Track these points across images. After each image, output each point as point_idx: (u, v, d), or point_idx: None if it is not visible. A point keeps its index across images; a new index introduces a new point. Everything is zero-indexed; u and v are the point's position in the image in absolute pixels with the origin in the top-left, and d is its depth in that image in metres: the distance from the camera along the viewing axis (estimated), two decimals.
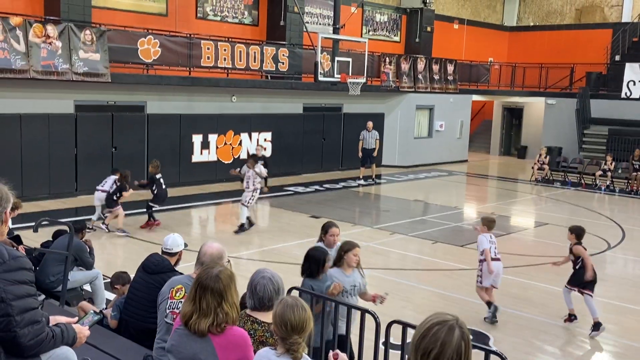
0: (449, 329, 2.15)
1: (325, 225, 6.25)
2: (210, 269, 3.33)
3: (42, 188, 13.90)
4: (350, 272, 5.61)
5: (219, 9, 19.23)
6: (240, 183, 13.34)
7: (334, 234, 6.12)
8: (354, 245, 5.62)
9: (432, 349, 2.13)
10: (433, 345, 2.13)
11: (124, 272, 6.41)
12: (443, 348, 2.12)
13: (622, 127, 21.91)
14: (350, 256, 5.56)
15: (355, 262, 5.61)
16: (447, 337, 2.13)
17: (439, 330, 2.15)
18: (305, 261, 5.55)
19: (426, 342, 2.16)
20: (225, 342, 3.23)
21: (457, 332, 2.14)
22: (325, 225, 6.26)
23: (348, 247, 5.60)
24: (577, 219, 14.70)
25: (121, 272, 6.41)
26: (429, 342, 2.15)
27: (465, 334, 2.16)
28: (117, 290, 6.28)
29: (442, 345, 2.13)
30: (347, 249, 5.59)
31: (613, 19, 27.94)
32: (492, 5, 30.68)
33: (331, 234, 6.11)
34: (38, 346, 3.12)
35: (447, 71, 23.53)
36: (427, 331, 2.17)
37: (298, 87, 19.01)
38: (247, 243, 11.34)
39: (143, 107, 16.15)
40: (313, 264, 5.50)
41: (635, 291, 9.56)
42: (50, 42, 13.26)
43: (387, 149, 22.07)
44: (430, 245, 11.76)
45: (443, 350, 2.12)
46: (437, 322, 2.18)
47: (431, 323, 2.19)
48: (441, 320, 2.18)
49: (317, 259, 5.52)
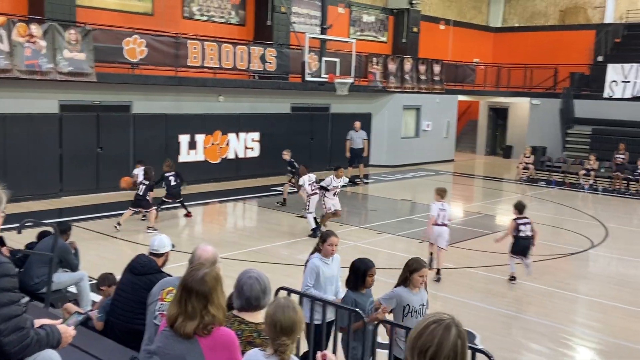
0: (446, 327, 2.16)
1: (323, 234, 6.03)
2: (195, 271, 3.30)
3: (27, 189, 13.75)
4: (417, 291, 5.36)
5: (206, 8, 19.16)
6: None
7: (332, 243, 5.85)
8: (421, 266, 5.31)
9: (429, 347, 2.14)
10: (430, 344, 2.14)
11: (109, 273, 6.36)
12: (440, 347, 2.13)
13: (605, 127, 22.14)
14: (416, 278, 5.27)
15: (420, 284, 5.35)
16: (444, 335, 2.14)
17: (435, 329, 2.16)
18: (349, 272, 5.41)
19: (422, 340, 2.16)
20: (212, 343, 3.22)
21: (454, 331, 2.15)
22: (324, 234, 6.04)
23: (415, 268, 5.29)
24: (560, 218, 14.88)
25: (107, 273, 6.36)
26: (426, 341, 2.15)
27: (461, 333, 2.17)
28: (103, 292, 6.23)
29: (439, 344, 2.13)
30: (413, 270, 5.28)
31: (596, 20, 28.22)
32: (477, 6, 30.86)
33: (329, 243, 5.84)
34: (23, 351, 3.11)
35: (434, 71, 23.64)
36: (423, 330, 2.18)
37: (285, 87, 19.00)
38: (234, 243, 11.31)
39: (129, 107, 16.06)
40: (353, 274, 5.36)
41: (618, 289, 9.67)
42: (34, 41, 13.14)
43: (375, 149, 22.12)
44: (418, 244, 11.81)
45: (440, 349, 2.13)
46: (433, 320, 2.19)
47: (427, 322, 2.20)
48: (437, 319, 2.19)
49: (356, 270, 5.35)
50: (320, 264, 5.78)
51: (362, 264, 5.43)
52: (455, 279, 9.79)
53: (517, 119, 27.15)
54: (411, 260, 5.43)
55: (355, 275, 5.37)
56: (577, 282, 10.08)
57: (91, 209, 13.76)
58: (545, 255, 11.33)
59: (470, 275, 9.99)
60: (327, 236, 5.96)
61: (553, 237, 12.73)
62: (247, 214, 15.22)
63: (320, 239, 6.01)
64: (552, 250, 11.66)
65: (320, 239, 6.01)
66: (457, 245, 11.84)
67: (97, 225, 11.97)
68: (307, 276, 5.83)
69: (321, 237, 6.02)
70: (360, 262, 5.47)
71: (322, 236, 6.01)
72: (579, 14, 28.77)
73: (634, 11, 27.41)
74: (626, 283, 10.02)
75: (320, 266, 5.80)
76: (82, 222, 12.01)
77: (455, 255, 11.12)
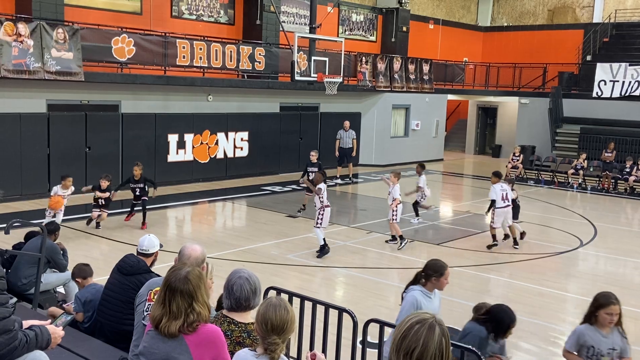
0: (430, 327, 2.17)
1: (437, 265, 5.00)
2: (178, 271, 3.30)
3: (14, 189, 13.64)
4: (608, 332, 4.60)
5: (195, 7, 19.09)
6: None
7: (448, 277, 5.01)
8: (610, 302, 4.57)
9: (415, 348, 2.15)
10: (415, 345, 2.15)
11: (86, 264, 6.25)
12: (426, 347, 2.14)
13: (594, 126, 22.30)
14: (603, 316, 4.56)
15: (609, 324, 4.58)
16: (429, 335, 2.15)
17: (419, 329, 2.17)
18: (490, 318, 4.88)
19: (407, 341, 2.17)
20: (198, 339, 3.22)
21: (438, 330, 2.16)
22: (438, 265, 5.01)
23: (602, 303, 4.59)
24: (549, 217, 14.96)
25: (83, 264, 6.26)
26: (411, 342, 2.16)
27: (445, 332, 2.18)
28: (78, 283, 6.18)
29: (424, 344, 2.14)
30: (599, 305, 4.59)
31: (584, 20, 28.42)
32: (466, 5, 30.97)
33: (445, 277, 4.98)
34: (11, 354, 3.08)
35: (423, 71, 23.70)
36: (407, 331, 2.18)
37: (275, 86, 18.97)
38: (223, 243, 11.28)
39: (117, 106, 15.96)
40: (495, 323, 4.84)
41: (607, 288, 9.60)
42: (22, 40, 13.03)
43: (364, 148, 22.14)
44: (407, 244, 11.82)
45: (426, 349, 2.14)
46: (416, 321, 2.20)
47: (411, 322, 2.20)
48: (421, 319, 2.20)
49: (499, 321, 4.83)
50: (422, 298, 4.92)
51: (507, 316, 4.85)
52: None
53: (506, 118, 27.28)
54: (599, 294, 4.70)
55: (498, 326, 4.83)
56: (567, 281, 10.13)
57: (79, 209, 13.66)
58: (535, 254, 11.39)
59: (460, 274, 10.01)
60: (442, 268, 4.97)
61: (542, 236, 12.80)
62: (236, 214, 15.17)
63: (431, 269, 4.97)
64: (541, 249, 11.72)
65: (431, 269, 4.97)
66: (447, 244, 11.88)
67: (85, 226, 11.89)
68: (405, 311, 4.88)
69: (432, 268, 4.98)
70: (505, 313, 4.87)
71: (434, 267, 4.98)
72: (568, 13, 28.96)
73: (622, 11, 27.62)
74: (615, 282, 10.09)
75: (421, 301, 4.91)
76: (70, 222, 11.92)
77: (444, 254, 11.15)
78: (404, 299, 5.03)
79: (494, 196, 11.50)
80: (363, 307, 7.70)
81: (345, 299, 8.62)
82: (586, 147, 21.45)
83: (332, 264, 10.32)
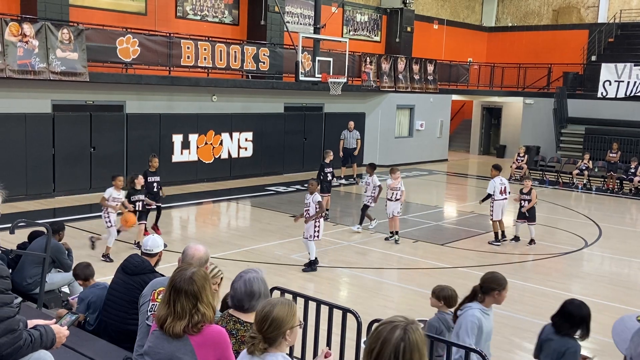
0: (392, 328, 2.16)
1: (499, 279, 4.64)
2: (183, 271, 3.30)
3: (19, 189, 13.67)
4: None
5: (199, 8, 19.12)
6: None
7: (507, 289, 4.70)
8: None
9: (374, 347, 2.16)
10: (375, 345, 2.16)
11: (87, 264, 6.15)
12: (382, 346, 2.14)
13: (599, 127, 22.23)
14: None
15: None
16: (388, 335, 2.15)
17: (382, 330, 2.17)
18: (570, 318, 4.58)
19: (370, 341, 2.19)
20: (203, 340, 3.23)
21: (399, 332, 2.14)
22: (500, 279, 4.65)
23: None
24: (554, 217, 14.92)
25: (85, 264, 6.14)
26: (372, 341, 2.18)
27: (408, 336, 2.13)
28: (80, 284, 6.15)
29: (382, 344, 2.14)
30: None
31: (589, 20, 28.34)
32: (471, 5, 30.93)
33: (507, 290, 4.69)
34: (16, 353, 3.09)
35: (427, 71, 23.67)
36: (374, 332, 2.21)
37: (279, 86, 18.98)
38: (227, 243, 11.29)
39: (122, 106, 16.00)
40: (573, 320, 4.55)
41: (611, 288, 9.71)
42: (27, 41, 13.07)
43: (368, 149, 22.13)
44: (411, 244, 11.82)
45: (382, 349, 2.13)
46: (385, 322, 2.21)
47: (379, 323, 2.22)
48: (389, 321, 2.20)
49: (582, 317, 4.56)
50: (481, 316, 4.55)
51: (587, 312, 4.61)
52: (449, 278, 9.79)
53: (510, 119, 27.23)
54: None
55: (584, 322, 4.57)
56: (571, 282, 10.11)
57: (84, 208, 13.70)
58: (539, 255, 11.37)
59: (465, 274, 10.00)
60: (503, 281, 4.61)
61: (546, 237, 12.77)
62: (240, 214, 15.19)
63: (492, 283, 4.60)
64: (546, 250, 11.70)
65: (492, 283, 4.60)
66: (451, 244, 11.87)
67: (90, 225, 11.92)
68: (467, 333, 4.49)
69: (493, 282, 4.61)
70: (583, 309, 4.64)
71: (496, 281, 4.61)
72: (572, 13, 28.88)
73: (627, 11, 27.53)
74: (619, 282, 10.07)
75: (482, 319, 4.55)
76: (75, 222, 11.95)
77: (449, 254, 11.15)
78: (461, 317, 4.58)
79: (492, 190, 11.73)
80: (367, 308, 7.70)
81: (349, 299, 8.62)
82: (591, 148, 21.38)
83: (336, 264, 10.32)
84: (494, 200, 11.84)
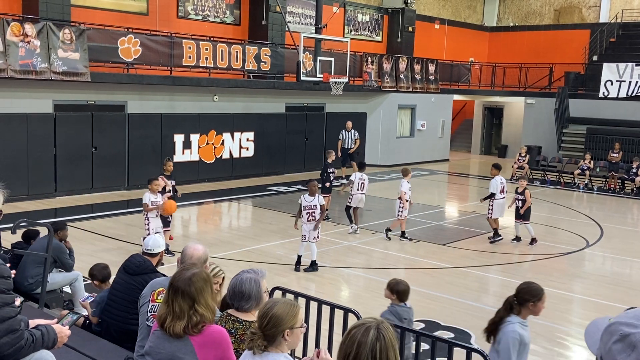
0: (365, 330, 2.17)
1: (536, 290, 4.49)
2: (184, 272, 3.32)
3: (21, 189, 13.69)
4: None
5: (200, 8, 19.13)
6: None
7: (544, 300, 4.53)
8: None
9: (350, 351, 2.16)
10: (350, 348, 2.16)
11: (105, 266, 6.13)
12: (359, 349, 2.14)
13: (600, 126, 22.21)
14: None
15: None
16: (362, 338, 2.16)
17: (355, 333, 2.18)
18: None
19: (345, 346, 2.19)
20: (203, 340, 3.24)
21: (372, 333, 2.15)
22: (537, 289, 4.50)
23: None
24: (556, 217, 14.91)
25: (102, 266, 6.12)
26: (347, 346, 2.18)
27: (382, 336, 2.16)
28: (95, 285, 6.14)
29: (357, 347, 2.15)
30: None
31: (591, 20, 28.31)
32: (472, 5, 30.91)
33: (544, 301, 4.53)
34: (17, 353, 3.09)
35: (429, 71, 23.67)
36: (346, 336, 2.21)
37: (280, 86, 18.99)
38: (228, 243, 11.30)
39: (123, 106, 16.01)
40: None
41: (613, 288, 9.70)
42: (29, 41, 13.09)
43: (370, 149, 22.13)
44: (412, 244, 11.82)
45: (359, 352, 2.14)
46: (355, 325, 2.22)
47: (351, 327, 2.22)
48: (360, 324, 2.21)
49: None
50: (521, 330, 4.38)
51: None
52: (451, 278, 9.80)
53: (512, 119, 27.21)
54: None
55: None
56: (572, 282, 10.10)
57: (86, 208, 13.72)
58: (540, 255, 11.36)
59: (466, 274, 10.00)
60: (540, 292, 4.46)
61: (548, 237, 12.76)
62: (241, 214, 15.20)
63: (527, 294, 4.43)
64: (547, 250, 11.69)
65: (528, 294, 4.43)
66: (452, 244, 11.87)
67: (92, 225, 11.93)
68: (509, 350, 4.31)
69: (529, 292, 4.44)
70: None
71: (532, 291, 4.45)
72: (574, 13, 28.86)
73: (628, 10, 27.51)
74: (621, 282, 10.06)
75: (523, 334, 4.39)
76: (76, 222, 11.97)
77: (450, 254, 11.15)
78: (501, 333, 4.38)
79: (494, 189, 11.85)
80: (369, 308, 7.70)
81: (351, 299, 8.62)
82: (592, 148, 21.36)
83: (337, 264, 10.32)
84: (494, 199, 11.90)
